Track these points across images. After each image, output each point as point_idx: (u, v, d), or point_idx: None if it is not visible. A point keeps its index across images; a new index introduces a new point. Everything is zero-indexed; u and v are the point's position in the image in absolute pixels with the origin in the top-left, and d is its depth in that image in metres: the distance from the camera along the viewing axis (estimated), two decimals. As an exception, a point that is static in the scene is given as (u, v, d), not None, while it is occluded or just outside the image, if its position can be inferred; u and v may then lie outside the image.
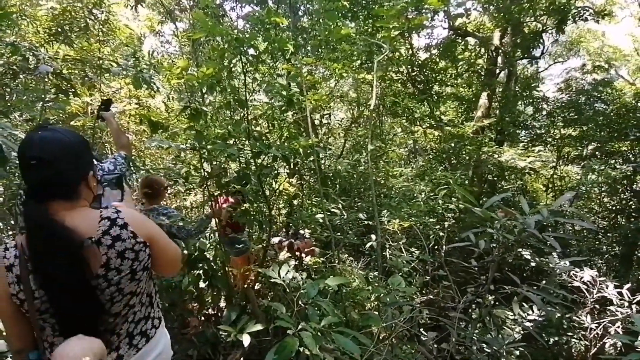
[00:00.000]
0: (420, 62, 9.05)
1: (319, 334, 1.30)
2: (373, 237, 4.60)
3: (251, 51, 2.95)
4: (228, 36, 2.45)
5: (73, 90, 2.38)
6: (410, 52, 9.04)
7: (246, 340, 1.76)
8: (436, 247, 4.39)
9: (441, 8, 5.75)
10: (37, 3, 5.48)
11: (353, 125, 8.42)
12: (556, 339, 3.47)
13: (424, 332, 1.95)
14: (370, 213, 5.90)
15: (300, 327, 1.33)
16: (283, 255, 4.14)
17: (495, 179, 8.28)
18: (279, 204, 3.24)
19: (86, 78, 3.16)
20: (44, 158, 1.03)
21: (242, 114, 2.79)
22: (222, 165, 2.72)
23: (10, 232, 3.37)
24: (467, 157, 7.02)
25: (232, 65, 2.67)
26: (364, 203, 6.28)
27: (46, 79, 2.52)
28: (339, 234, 4.92)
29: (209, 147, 2.45)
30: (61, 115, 3.22)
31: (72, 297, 1.03)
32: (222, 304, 2.84)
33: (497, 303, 2.75)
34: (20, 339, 1.11)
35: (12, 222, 3.27)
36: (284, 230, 4.70)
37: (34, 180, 1.05)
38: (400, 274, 2.68)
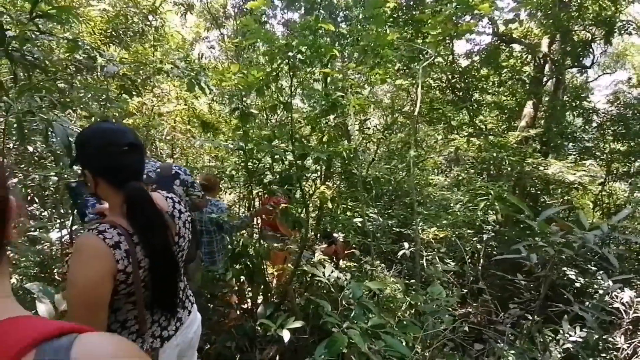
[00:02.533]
0: (461, 68, 8.84)
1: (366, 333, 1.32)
2: (406, 245, 4.53)
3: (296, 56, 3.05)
4: (277, 42, 2.54)
5: (137, 90, 2.56)
6: (451, 58, 8.86)
7: (286, 336, 1.81)
8: (470, 260, 4.25)
9: (488, 14, 5.61)
10: (87, 3, 5.94)
11: (386, 132, 8.37)
12: None
13: (465, 344, 1.90)
14: (402, 220, 5.81)
15: (345, 326, 1.36)
16: (317, 257, 4.19)
17: (539, 192, 7.88)
18: (313, 206, 3.29)
19: (147, 80, 3.40)
20: (137, 144, 1.20)
21: (286, 117, 2.88)
22: (265, 166, 2.82)
23: (59, 220, 3.60)
24: (510, 168, 6.73)
25: (279, 69, 2.77)
26: (398, 210, 6.20)
27: (110, 79, 2.74)
28: (369, 239, 4.90)
29: (254, 147, 2.54)
30: (119, 112, 3.48)
31: (167, 263, 1.21)
32: (259, 299, 2.93)
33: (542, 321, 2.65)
34: (103, 326, 1.13)
35: (62, 211, 3.51)
36: (312, 233, 4.75)
37: (130, 163, 1.18)
38: (437, 283, 2.63)
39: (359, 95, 3.22)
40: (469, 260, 3.69)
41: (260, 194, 3.26)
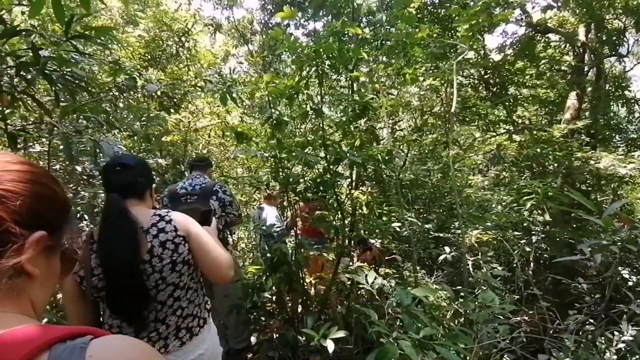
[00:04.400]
0: (494, 63, 8.47)
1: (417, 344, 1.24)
2: (447, 249, 4.33)
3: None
4: (305, 49, 2.55)
5: (175, 106, 2.67)
6: (482, 52, 8.52)
7: (331, 346, 1.75)
8: (515, 264, 3.97)
9: (522, 3, 5.34)
10: (124, 30, 6.35)
11: (417, 133, 8.15)
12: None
13: (527, 356, 1.74)
14: (441, 224, 5.57)
15: (395, 336, 1.28)
16: (355, 264, 4.10)
17: (590, 188, 7.29)
18: (347, 212, 3.23)
19: (184, 96, 3.55)
20: (128, 164, 1.38)
21: (317, 124, 2.86)
22: (299, 174, 2.82)
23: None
24: (556, 164, 6.29)
25: (308, 77, 2.77)
26: (435, 213, 5.96)
27: (150, 97, 2.88)
28: (408, 245, 4.73)
29: (288, 155, 2.54)
30: (159, 130, 3.65)
31: (123, 274, 1.24)
32: (299, 308, 2.90)
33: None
34: (79, 319, 1.30)
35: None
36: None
37: (117, 181, 1.35)
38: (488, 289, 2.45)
39: (391, 96, 3.14)
40: (519, 265, 3.45)
41: (294, 201, 3.25)
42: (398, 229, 3.13)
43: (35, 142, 2.45)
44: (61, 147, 2.26)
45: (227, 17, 11.63)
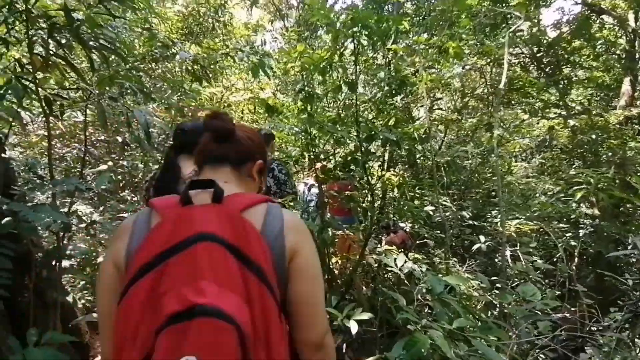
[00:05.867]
0: (549, 40, 7.70)
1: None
2: (482, 238, 4.10)
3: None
4: (342, 18, 2.39)
5: (208, 76, 2.63)
6: (536, 29, 7.76)
7: (354, 327, 1.69)
8: (557, 257, 3.69)
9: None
10: (163, 5, 6.38)
11: (458, 115, 7.67)
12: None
13: (569, 355, 1.59)
14: (477, 211, 5.28)
15: (424, 323, 1.19)
16: (383, 246, 3.99)
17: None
18: (377, 194, 3.09)
19: (216, 66, 3.52)
20: (183, 127, 1.70)
21: (350, 99, 2.72)
22: (329, 151, 2.72)
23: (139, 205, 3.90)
24: (610, 153, 5.71)
25: (343, 48, 2.61)
26: (470, 200, 5.65)
27: (184, 67, 2.86)
28: (439, 231, 4.53)
29: (319, 130, 2.44)
30: (193, 104, 3.67)
31: None
32: (324, 287, 2.84)
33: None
34: None
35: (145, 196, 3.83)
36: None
37: (176, 139, 1.69)
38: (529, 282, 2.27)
39: (432, 71, 2.92)
40: (562, 258, 3.18)
41: (322, 179, 3.16)
42: (431, 214, 2.96)
43: (71, 109, 2.52)
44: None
45: (263, -11, 11.35)
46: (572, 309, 2.42)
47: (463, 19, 3.44)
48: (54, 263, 1.81)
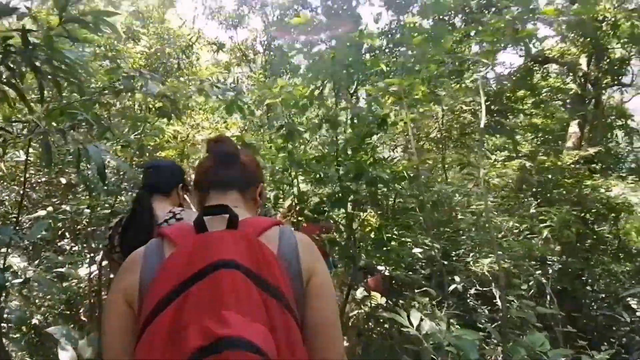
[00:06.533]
0: (495, 89, 8.50)
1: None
2: (457, 278, 4.03)
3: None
4: (324, 55, 2.35)
5: (178, 110, 2.41)
6: (482, 80, 8.54)
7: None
8: (546, 296, 3.68)
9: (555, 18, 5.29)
10: (124, 44, 6.20)
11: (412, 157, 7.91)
12: None
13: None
14: (448, 250, 5.26)
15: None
16: (360, 292, 3.76)
17: (598, 217, 7.12)
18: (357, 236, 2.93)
19: (187, 100, 3.31)
20: (158, 166, 1.73)
21: (332, 136, 2.63)
22: (309, 191, 2.54)
23: (89, 255, 3.41)
24: (565, 192, 6.12)
25: (323, 86, 2.56)
26: (437, 237, 5.64)
27: (147, 103, 2.63)
28: (409, 272, 4.40)
29: (300, 169, 2.28)
30: (155, 141, 3.38)
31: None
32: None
33: None
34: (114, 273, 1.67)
35: (93, 245, 3.35)
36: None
37: (147, 179, 1.64)
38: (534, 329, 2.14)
39: (412, 110, 2.93)
40: (551, 297, 3.14)
41: (299, 222, 2.95)
42: (419, 255, 2.82)
43: (13, 145, 2.15)
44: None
45: (230, 36, 11.69)
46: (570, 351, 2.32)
47: (430, 65, 3.59)
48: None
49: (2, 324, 1.45)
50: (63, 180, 3.40)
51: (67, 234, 3.72)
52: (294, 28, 2.42)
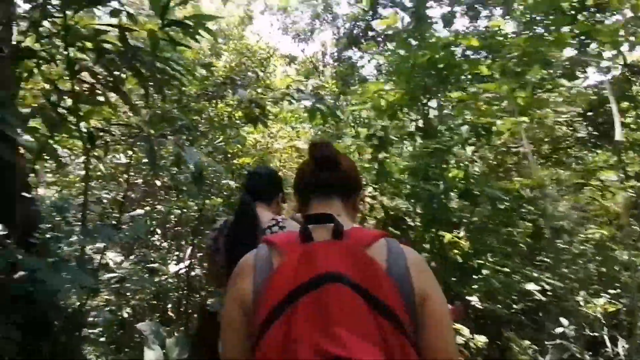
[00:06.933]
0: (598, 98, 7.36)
1: None
2: (564, 321, 3.41)
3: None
4: (418, 57, 2.12)
5: (265, 115, 2.38)
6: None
7: None
8: None
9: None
10: (209, 58, 6.62)
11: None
12: None
13: None
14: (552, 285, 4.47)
15: None
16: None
17: None
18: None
19: (275, 104, 3.33)
20: (261, 173, 1.73)
21: (423, 145, 2.36)
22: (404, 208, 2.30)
23: (177, 253, 3.57)
24: None
25: (417, 91, 2.32)
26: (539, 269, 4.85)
27: (234, 110, 2.65)
28: (499, 306, 3.81)
29: (393, 183, 2.05)
30: (236, 149, 3.44)
31: (241, 255, 1.21)
32: None
33: None
34: (214, 281, 1.79)
35: (182, 242, 3.50)
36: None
37: (251, 186, 1.65)
38: None
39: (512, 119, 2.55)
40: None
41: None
42: (533, 291, 2.37)
43: (114, 149, 2.27)
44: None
45: (302, 49, 12.04)
46: None
47: (536, 68, 3.14)
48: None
49: (84, 329, 1.46)
50: (158, 183, 3.64)
51: (158, 230, 3.96)
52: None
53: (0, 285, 1.01)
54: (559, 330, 3.30)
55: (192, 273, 2.82)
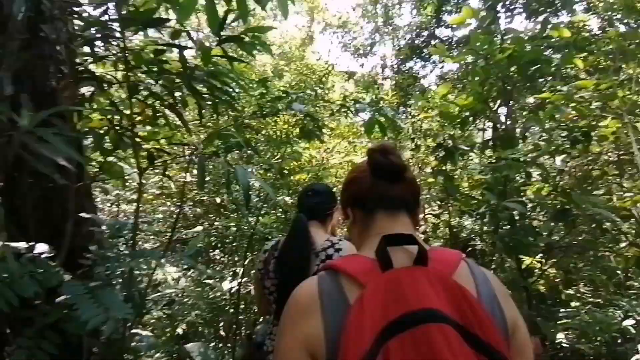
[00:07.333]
0: None
1: None
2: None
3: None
4: (498, 54, 1.83)
5: (321, 129, 2.29)
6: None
7: None
8: None
9: None
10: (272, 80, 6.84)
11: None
12: None
13: None
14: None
15: None
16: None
17: None
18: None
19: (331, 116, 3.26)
20: (317, 190, 1.58)
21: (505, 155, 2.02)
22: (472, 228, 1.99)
23: (234, 268, 3.58)
24: None
25: (492, 93, 2.01)
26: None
27: (291, 124, 2.61)
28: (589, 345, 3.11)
29: (462, 200, 1.76)
30: (293, 165, 3.40)
31: (289, 285, 1.07)
32: None
33: None
34: (259, 302, 1.60)
35: (236, 258, 3.51)
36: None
37: (306, 204, 1.54)
38: None
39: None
40: None
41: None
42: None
43: (174, 166, 2.34)
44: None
45: (361, 64, 12.03)
46: None
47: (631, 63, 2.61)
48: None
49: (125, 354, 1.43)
50: (217, 200, 3.75)
51: (218, 245, 4.08)
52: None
53: (38, 310, 1.01)
54: (636, 357, 2.60)
55: (244, 291, 2.78)
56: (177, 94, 1.62)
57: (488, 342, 0.56)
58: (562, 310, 2.85)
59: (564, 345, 3.07)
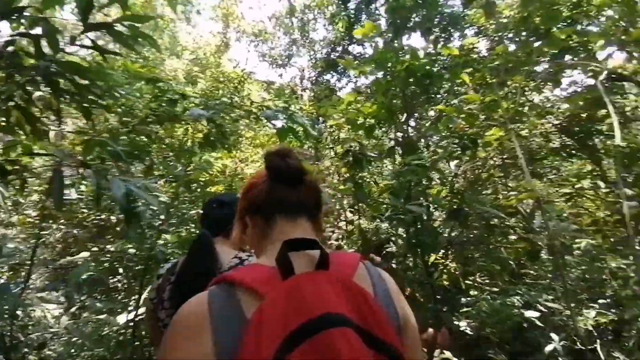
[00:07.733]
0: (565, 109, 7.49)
1: None
2: (555, 336, 3.17)
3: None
4: (397, 65, 1.93)
5: (225, 137, 2.11)
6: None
7: None
8: None
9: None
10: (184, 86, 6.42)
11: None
12: None
13: None
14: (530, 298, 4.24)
15: None
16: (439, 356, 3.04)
17: None
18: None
19: (235, 123, 3.06)
20: (223, 201, 1.43)
21: (403, 163, 2.14)
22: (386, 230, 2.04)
23: (135, 296, 3.16)
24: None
25: (394, 104, 2.12)
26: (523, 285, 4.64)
27: (194, 132, 2.39)
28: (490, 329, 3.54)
29: (373, 205, 1.79)
30: (204, 176, 3.14)
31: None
32: None
33: None
34: (156, 344, 1.29)
35: (137, 287, 3.10)
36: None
37: (211, 217, 1.40)
38: None
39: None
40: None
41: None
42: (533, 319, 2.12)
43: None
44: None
45: (279, 74, 12.07)
46: None
47: (516, 77, 3.04)
48: None
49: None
50: (113, 219, 3.25)
51: (119, 270, 3.54)
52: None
53: None
54: (550, 347, 3.06)
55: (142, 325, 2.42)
56: (37, 93, 1.31)
57: (384, 340, 0.57)
58: (462, 299, 3.15)
59: (468, 332, 3.40)
